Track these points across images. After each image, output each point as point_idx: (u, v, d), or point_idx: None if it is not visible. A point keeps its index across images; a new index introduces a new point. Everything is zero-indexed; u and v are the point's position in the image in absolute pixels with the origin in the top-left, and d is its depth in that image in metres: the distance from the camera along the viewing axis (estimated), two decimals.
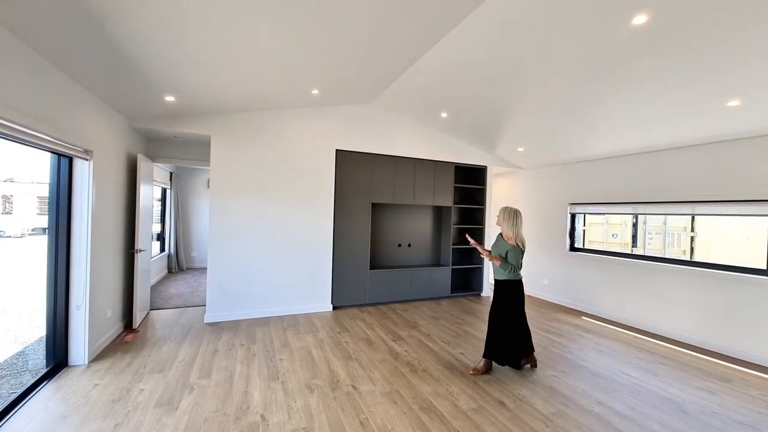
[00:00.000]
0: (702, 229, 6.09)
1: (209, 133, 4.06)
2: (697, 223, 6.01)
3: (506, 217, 2.96)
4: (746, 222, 5.27)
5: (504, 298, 2.97)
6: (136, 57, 2.51)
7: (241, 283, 4.21)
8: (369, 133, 4.85)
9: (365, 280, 4.89)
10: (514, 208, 3.00)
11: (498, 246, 3.00)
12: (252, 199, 4.25)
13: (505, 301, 2.97)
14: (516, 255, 2.88)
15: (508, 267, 2.88)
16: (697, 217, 4.95)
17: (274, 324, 4.08)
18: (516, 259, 2.87)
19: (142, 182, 3.96)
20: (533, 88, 3.40)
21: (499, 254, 2.96)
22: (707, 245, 5.96)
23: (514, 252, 2.88)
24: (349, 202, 4.78)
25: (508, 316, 2.96)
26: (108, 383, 2.68)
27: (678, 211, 4.10)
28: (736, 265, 3.63)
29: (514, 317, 2.96)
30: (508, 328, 2.95)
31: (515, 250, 2.88)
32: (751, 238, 4.39)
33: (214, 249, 4.09)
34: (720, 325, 3.62)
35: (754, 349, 3.37)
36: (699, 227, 6.07)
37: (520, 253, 2.90)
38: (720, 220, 5.59)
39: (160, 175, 6.26)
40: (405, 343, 3.59)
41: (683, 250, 6.51)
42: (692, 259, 5.27)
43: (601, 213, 5.16)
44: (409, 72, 3.50)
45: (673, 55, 2.45)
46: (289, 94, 3.86)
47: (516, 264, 2.87)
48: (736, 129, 3.34)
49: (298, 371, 2.93)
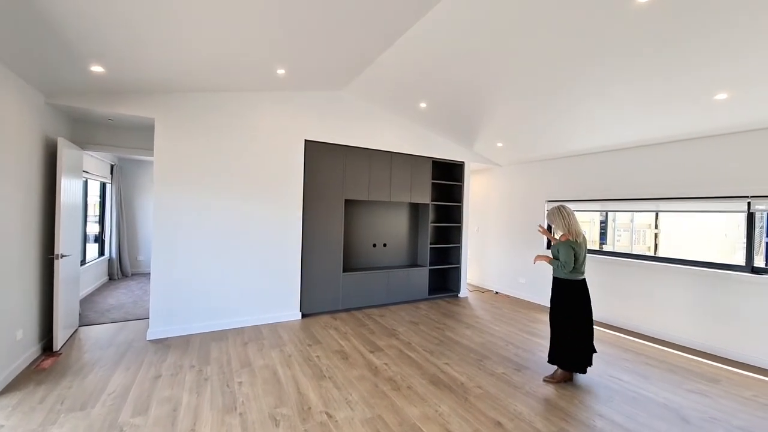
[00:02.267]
0: (672, 226, 6.25)
1: (152, 116, 3.44)
2: (666, 219, 6.17)
3: (553, 217, 2.86)
4: (715, 218, 5.46)
5: (558, 297, 2.84)
6: (45, 8, 1.92)
7: (193, 292, 3.63)
8: (342, 123, 4.42)
9: (338, 283, 4.46)
10: (556, 206, 2.89)
11: (555, 245, 2.90)
12: (206, 194, 3.67)
13: (558, 300, 2.84)
14: (566, 251, 2.72)
15: (557, 264, 2.79)
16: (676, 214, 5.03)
17: (234, 338, 3.54)
18: (565, 255, 2.71)
19: (66, 173, 3.26)
20: (514, 78, 3.18)
21: (553, 253, 2.88)
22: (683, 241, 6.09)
23: (564, 247, 2.74)
24: (320, 198, 4.32)
25: (566, 316, 2.79)
26: (14, 426, 2.08)
27: (648, 207, 4.11)
28: (708, 261, 3.65)
29: (573, 318, 2.77)
30: (565, 330, 2.79)
31: (565, 246, 2.74)
32: (728, 234, 4.49)
33: (159, 252, 3.48)
34: (699, 323, 3.61)
35: (734, 347, 3.37)
36: (669, 224, 6.23)
37: (570, 248, 2.72)
38: (695, 217, 5.74)
39: (97, 167, 5.41)
40: (384, 355, 3.22)
41: (648, 246, 6.72)
42: (656, 254, 5.40)
43: (581, 210, 5.10)
44: (385, 56, 3.14)
45: (659, 49, 2.29)
46: (250, 72, 3.34)
47: (564, 260, 2.72)
48: (720, 124, 3.31)
49: (261, 398, 2.46)
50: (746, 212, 3.38)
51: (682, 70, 2.58)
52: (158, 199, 3.47)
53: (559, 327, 2.81)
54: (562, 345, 2.79)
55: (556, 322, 2.84)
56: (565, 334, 2.78)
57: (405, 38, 2.81)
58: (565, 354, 2.78)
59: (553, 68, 2.88)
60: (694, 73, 2.59)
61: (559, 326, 2.81)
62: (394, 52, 3.06)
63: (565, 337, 2.78)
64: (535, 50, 2.69)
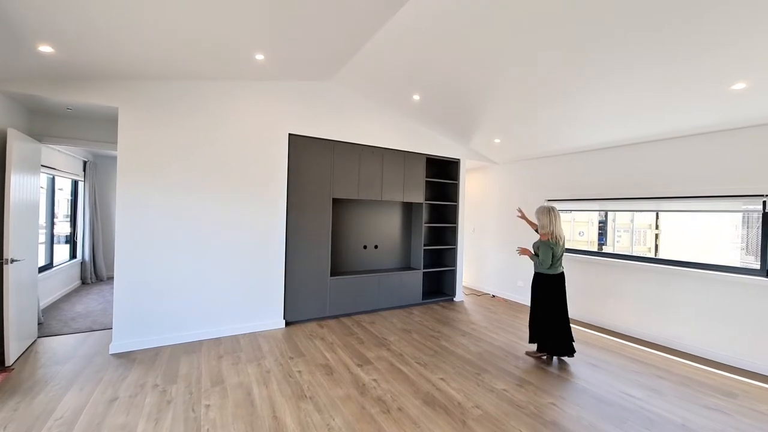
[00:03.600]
0: (679, 226, 6.02)
1: (116, 104, 3.10)
2: (674, 219, 5.94)
3: (542, 215, 3.19)
4: (723, 219, 5.26)
5: (537, 288, 3.26)
6: None
7: (164, 298, 3.30)
8: (330, 116, 4.12)
9: (325, 288, 4.15)
10: (547, 206, 3.22)
11: (536, 243, 3.26)
12: (179, 192, 3.34)
13: (536, 291, 3.26)
14: (545, 250, 3.11)
15: (537, 260, 3.17)
16: (685, 214, 4.82)
17: (208, 350, 3.22)
18: (544, 254, 3.11)
19: (18, 169, 2.91)
20: (514, 69, 2.92)
21: (534, 250, 3.24)
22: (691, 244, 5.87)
23: (544, 247, 3.12)
24: (306, 197, 4.01)
25: (544, 306, 3.18)
26: None
27: (652, 207, 3.87)
28: (720, 264, 3.42)
29: (550, 307, 3.15)
30: (544, 319, 3.17)
31: (544, 245, 3.12)
32: (740, 235, 4.28)
33: (124, 254, 3.14)
34: (709, 330, 3.38)
35: (748, 356, 3.14)
36: (676, 224, 6.00)
37: (549, 248, 3.10)
38: (703, 218, 5.51)
39: (67, 163, 5.03)
40: (373, 369, 2.93)
41: (648, 247, 6.52)
42: (659, 256, 5.19)
43: (583, 210, 4.87)
44: (376, 42, 2.85)
45: (664, 33, 2.03)
46: (226, 58, 3.02)
47: (542, 259, 3.11)
48: (735, 117, 3.08)
49: (230, 425, 2.15)
50: (761, 212, 3.16)
51: (695, 53, 2.32)
52: (123, 197, 3.13)
53: (539, 315, 3.20)
54: (543, 331, 3.17)
55: (535, 311, 3.26)
56: (544, 321, 3.16)
57: (396, 23, 2.52)
58: (546, 340, 3.16)
59: (555, 56, 2.61)
60: (709, 58, 2.34)
61: (539, 315, 3.20)
62: (384, 38, 2.77)
63: (544, 323, 3.16)
64: (534, 37, 2.41)
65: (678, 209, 3.78)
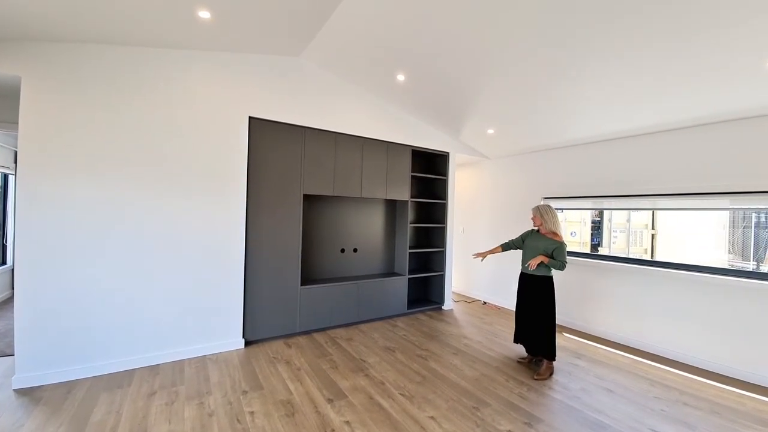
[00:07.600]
0: (688, 227, 5.67)
1: (17, 73, 2.42)
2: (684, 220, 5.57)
3: (544, 214, 2.95)
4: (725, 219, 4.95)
5: (549, 293, 2.91)
6: None
7: (87, 316, 2.62)
8: (299, 97, 3.52)
9: (295, 300, 3.55)
10: (545, 204, 3.01)
11: (539, 243, 2.92)
12: (108, 185, 2.67)
13: (550, 297, 2.91)
14: (564, 251, 2.84)
15: (557, 264, 2.81)
16: (694, 213, 4.48)
17: (139, 383, 2.57)
18: (565, 255, 2.84)
19: None
20: (507, 50, 2.40)
21: (545, 252, 2.86)
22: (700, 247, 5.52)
23: (563, 249, 2.84)
24: (271, 192, 3.40)
25: (532, 310, 2.95)
26: None
27: (660, 205, 3.46)
28: (734, 269, 3.03)
29: (539, 313, 2.91)
30: (532, 322, 2.94)
31: (563, 247, 2.85)
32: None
33: (27, 264, 2.45)
34: (726, 342, 2.98)
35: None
36: (685, 225, 5.65)
37: (565, 248, 2.86)
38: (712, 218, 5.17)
39: None
40: (347, 406, 2.35)
41: (645, 248, 6.18)
42: (653, 259, 4.84)
43: (582, 208, 4.45)
44: (353, 8, 2.28)
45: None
46: (162, 14, 2.38)
47: (565, 260, 2.83)
48: (747, 105, 2.66)
49: None
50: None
51: (708, 34, 1.87)
52: (25, 192, 2.44)
53: (552, 320, 2.88)
54: (552, 336, 2.87)
55: (551, 317, 2.89)
56: (552, 326, 2.89)
57: None
58: (534, 341, 2.93)
59: (557, 45, 2.11)
60: (721, 37, 1.89)
61: (552, 319, 2.88)
62: (363, 2, 2.21)
63: (552, 328, 2.88)
64: (531, 15, 1.91)
65: (703, 207, 3.33)
